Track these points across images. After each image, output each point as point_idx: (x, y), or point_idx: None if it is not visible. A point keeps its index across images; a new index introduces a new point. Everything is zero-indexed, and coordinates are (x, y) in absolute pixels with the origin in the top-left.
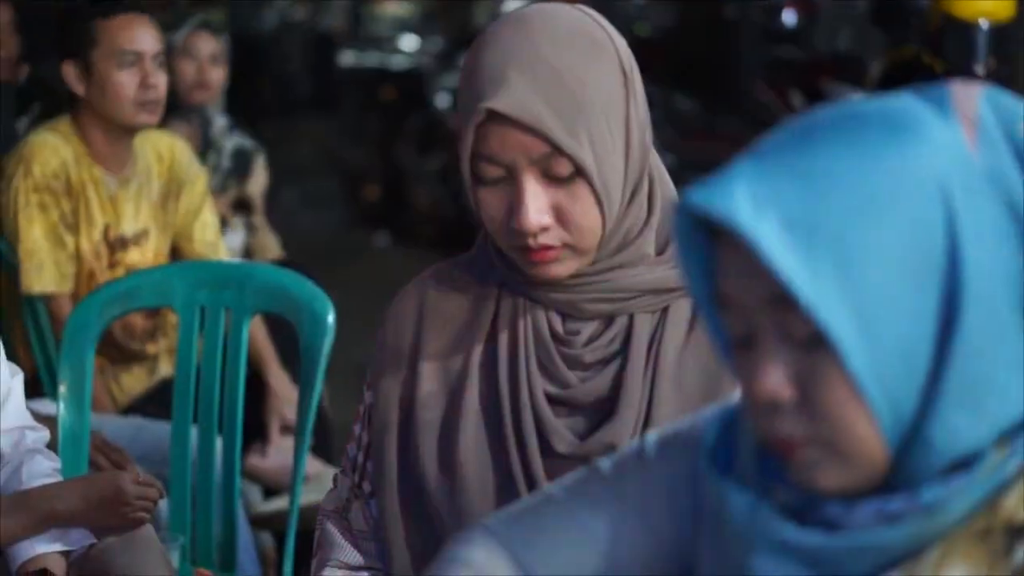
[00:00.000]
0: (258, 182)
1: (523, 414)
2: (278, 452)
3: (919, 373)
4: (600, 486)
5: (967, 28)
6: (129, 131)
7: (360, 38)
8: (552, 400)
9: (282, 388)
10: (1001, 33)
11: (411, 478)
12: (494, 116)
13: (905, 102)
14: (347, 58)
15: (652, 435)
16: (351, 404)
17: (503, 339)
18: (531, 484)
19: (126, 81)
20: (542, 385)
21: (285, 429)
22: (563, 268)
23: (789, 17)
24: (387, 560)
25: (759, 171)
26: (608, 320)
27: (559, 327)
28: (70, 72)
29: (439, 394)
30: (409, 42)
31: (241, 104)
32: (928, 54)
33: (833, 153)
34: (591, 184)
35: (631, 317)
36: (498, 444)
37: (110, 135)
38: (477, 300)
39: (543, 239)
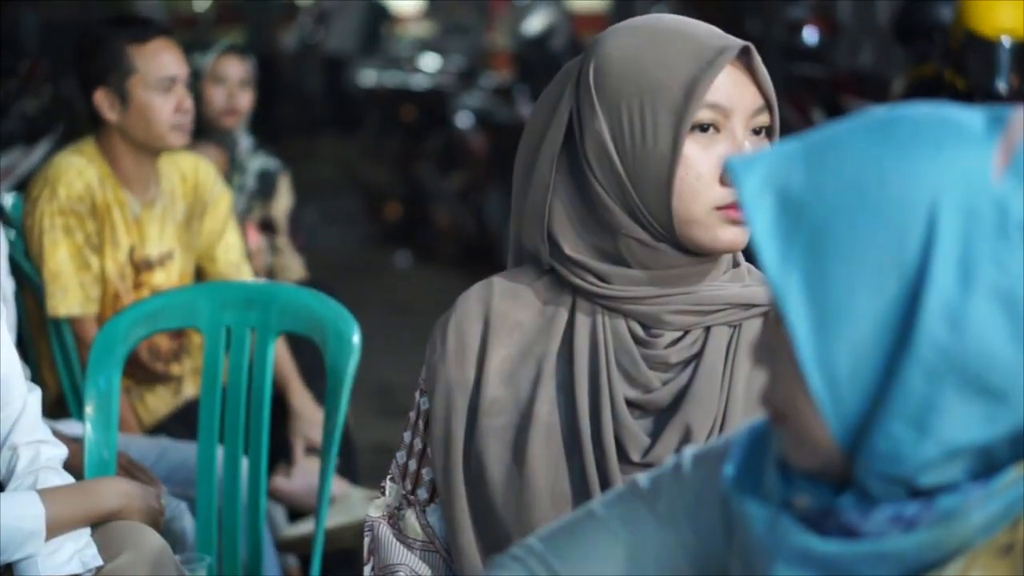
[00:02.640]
0: (282, 203)
1: (603, 420)
2: (302, 473)
3: (868, 379)
4: (638, 501)
5: (989, 46)
6: (156, 153)
7: (380, 58)
8: (629, 404)
9: (306, 409)
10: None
11: (476, 486)
12: (737, 59)
13: (961, 114)
14: (367, 78)
15: (689, 451)
16: (372, 423)
17: (580, 346)
18: (606, 490)
19: (165, 106)
20: (623, 390)
21: (309, 450)
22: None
23: (811, 35)
24: (454, 568)
25: (789, 151)
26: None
27: (640, 331)
28: (102, 99)
29: (507, 400)
30: (429, 62)
31: (263, 124)
32: (950, 72)
33: (848, 146)
34: None
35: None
36: (572, 451)
37: (137, 157)
38: (548, 308)
39: None
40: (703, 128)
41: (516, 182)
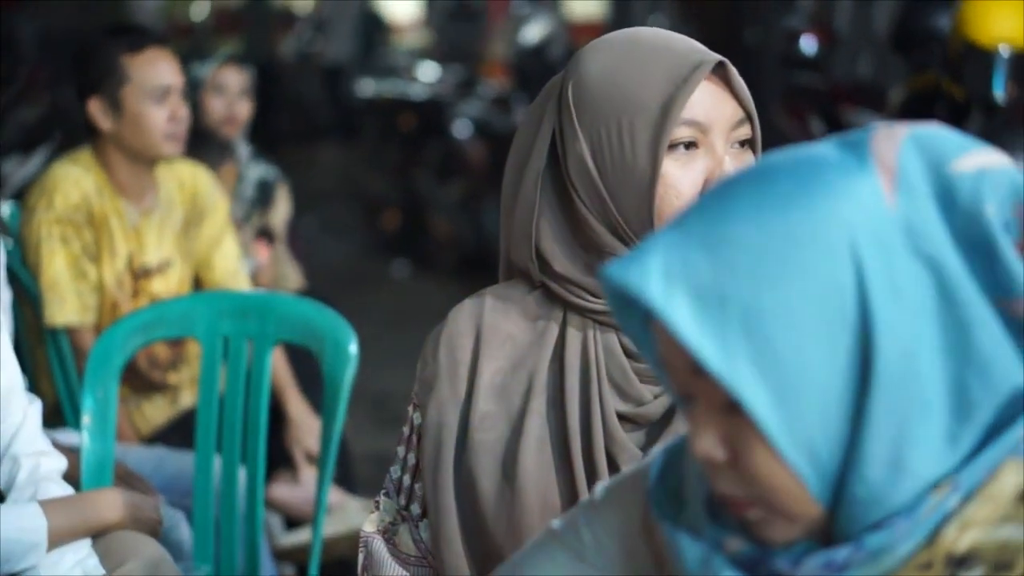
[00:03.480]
0: (281, 212)
1: (594, 434)
2: (300, 482)
3: (839, 432)
4: (554, 543)
5: (987, 55)
6: (151, 162)
7: (378, 67)
8: (621, 418)
9: (302, 418)
10: (1022, 60)
11: (466, 501)
12: (713, 73)
13: (821, 153)
14: (366, 87)
15: (600, 484)
16: (369, 433)
17: (572, 360)
18: None
19: (159, 116)
20: (614, 404)
21: (309, 458)
22: None
23: (809, 44)
24: None
25: (673, 242)
26: None
27: (631, 345)
28: (96, 108)
29: (498, 415)
30: (428, 71)
31: (261, 132)
32: (948, 81)
33: (739, 217)
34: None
35: None
36: (563, 465)
37: (133, 166)
38: (539, 322)
39: None
40: (683, 145)
41: (504, 199)
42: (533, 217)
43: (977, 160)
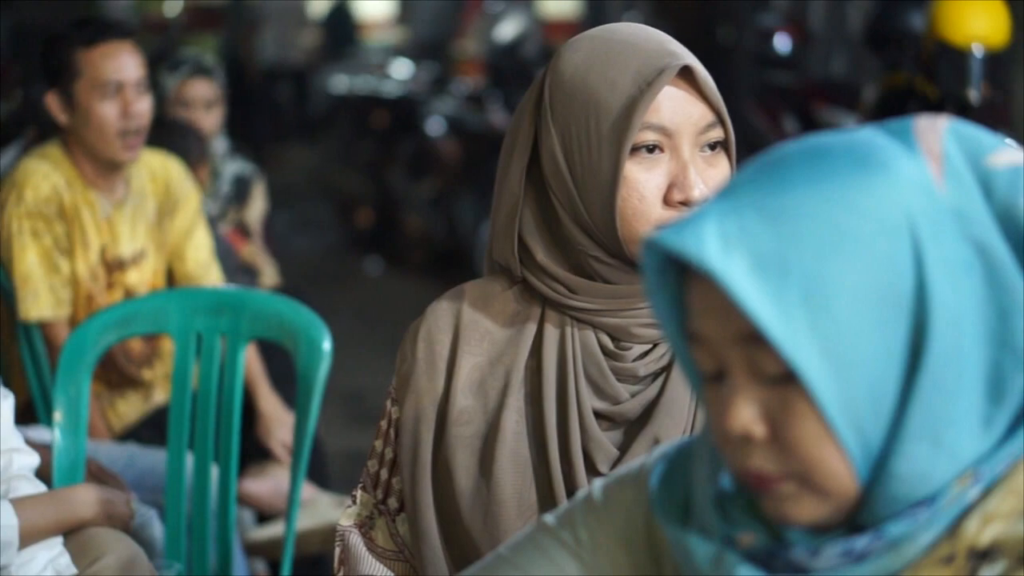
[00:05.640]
0: (256, 208)
1: (570, 431)
2: (270, 476)
3: (886, 407)
4: (548, 537)
5: (961, 54)
6: (111, 163)
7: (351, 64)
8: (597, 415)
9: (274, 411)
10: (995, 59)
11: (443, 495)
12: (682, 76)
13: (871, 137)
14: (339, 84)
15: (598, 482)
16: (342, 429)
17: (549, 356)
18: None
19: (108, 112)
20: (591, 402)
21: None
22: None
23: (783, 42)
24: None
25: (729, 209)
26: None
27: (609, 343)
28: (53, 102)
29: (475, 410)
30: (401, 68)
31: (235, 129)
32: (922, 80)
33: (801, 190)
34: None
35: None
36: (540, 461)
37: (98, 162)
38: (518, 318)
39: None
40: (647, 148)
41: (494, 195)
42: (516, 212)
43: (1010, 157)
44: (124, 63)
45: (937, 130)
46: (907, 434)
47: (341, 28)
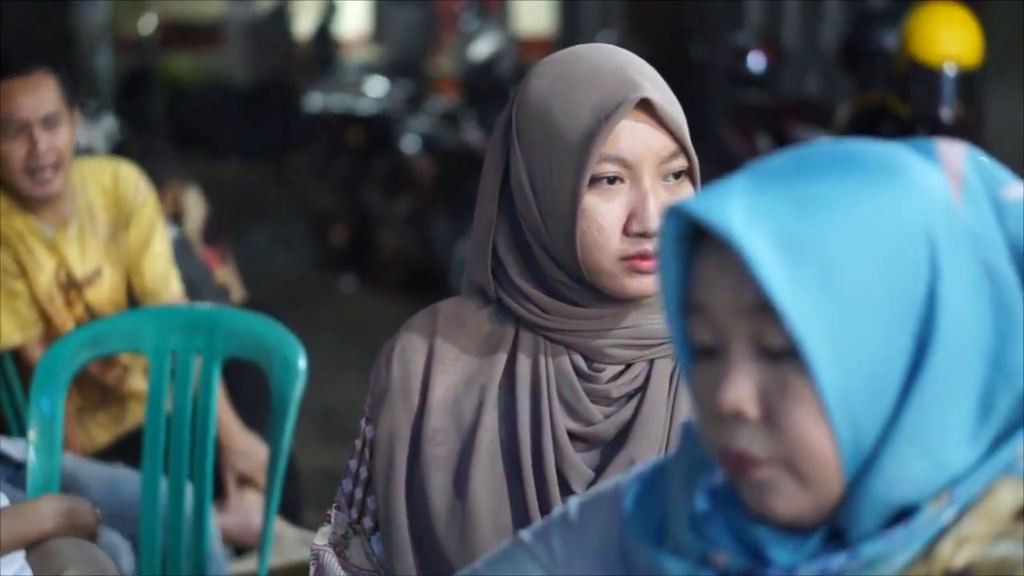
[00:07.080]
0: (193, 219)
1: (544, 451)
2: (236, 508)
3: (883, 405)
4: (523, 553)
5: (933, 74)
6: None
7: (326, 82)
8: (572, 436)
9: (236, 442)
10: (967, 78)
11: (418, 515)
12: (641, 107)
13: (898, 148)
14: (314, 101)
15: (574, 499)
16: (316, 447)
17: (523, 376)
18: None
19: (12, 150)
20: (564, 423)
21: (242, 482)
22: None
23: (756, 61)
24: None
25: (756, 187)
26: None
27: (583, 364)
28: None
29: (449, 430)
30: (376, 86)
31: (212, 146)
32: (894, 100)
33: (830, 182)
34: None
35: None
36: (514, 481)
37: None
38: (492, 338)
39: None
40: (608, 180)
41: (475, 214)
42: (491, 231)
43: (1020, 191)
44: (25, 101)
45: (958, 153)
46: (899, 435)
47: (324, 47)
